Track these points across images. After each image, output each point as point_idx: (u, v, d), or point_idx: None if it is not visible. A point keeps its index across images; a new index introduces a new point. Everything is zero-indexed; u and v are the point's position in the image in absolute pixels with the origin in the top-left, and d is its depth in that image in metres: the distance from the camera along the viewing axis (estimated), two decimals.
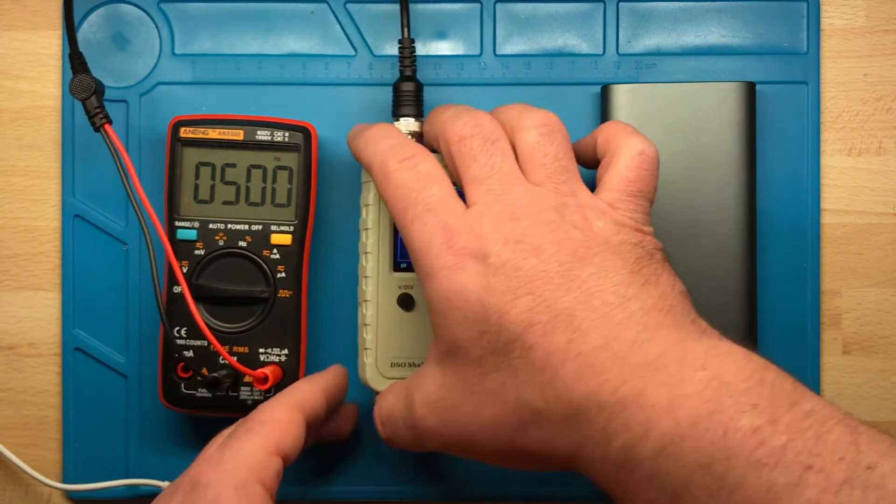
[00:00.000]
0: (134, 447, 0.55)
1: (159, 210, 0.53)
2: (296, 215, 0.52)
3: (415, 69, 0.53)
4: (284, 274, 0.52)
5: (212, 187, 0.52)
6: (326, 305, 0.55)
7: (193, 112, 0.54)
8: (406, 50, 0.52)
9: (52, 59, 0.56)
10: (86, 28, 0.55)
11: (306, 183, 0.52)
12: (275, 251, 0.52)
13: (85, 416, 0.55)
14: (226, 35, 0.56)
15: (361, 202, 0.51)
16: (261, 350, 0.52)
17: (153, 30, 0.56)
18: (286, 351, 0.52)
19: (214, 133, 0.52)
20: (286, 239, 0.52)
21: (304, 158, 0.52)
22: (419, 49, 0.54)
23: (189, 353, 0.52)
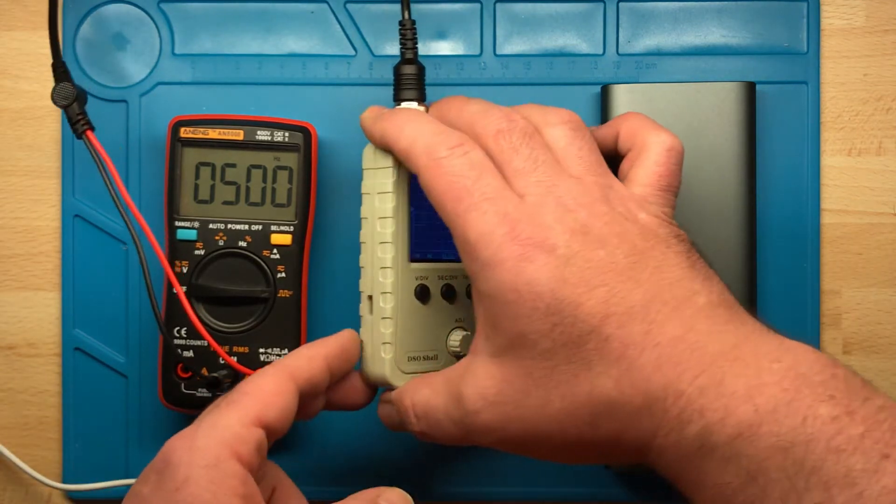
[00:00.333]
0: (134, 447, 0.55)
1: (159, 210, 0.53)
2: (296, 215, 0.52)
3: (416, 51, 0.50)
4: (284, 274, 0.52)
5: (212, 187, 0.52)
6: (326, 305, 0.55)
7: (193, 112, 0.54)
8: (408, 32, 0.50)
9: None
10: (86, 28, 0.55)
11: (306, 183, 0.52)
12: (275, 251, 0.52)
13: (85, 416, 0.55)
14: (226, 35, 0.56)
15: (367, 190, 0.48)
16: (261, 350, 0.52)
17: (153, 30, 0.56)
18: (286, 351, 0.52)
19: (214, 133, 0.52)
20: (286, 239, 0.52)
21: (304, 158, 0.52)
22: (419, 49, 0.54)
23: (189, 354, 0.52)
